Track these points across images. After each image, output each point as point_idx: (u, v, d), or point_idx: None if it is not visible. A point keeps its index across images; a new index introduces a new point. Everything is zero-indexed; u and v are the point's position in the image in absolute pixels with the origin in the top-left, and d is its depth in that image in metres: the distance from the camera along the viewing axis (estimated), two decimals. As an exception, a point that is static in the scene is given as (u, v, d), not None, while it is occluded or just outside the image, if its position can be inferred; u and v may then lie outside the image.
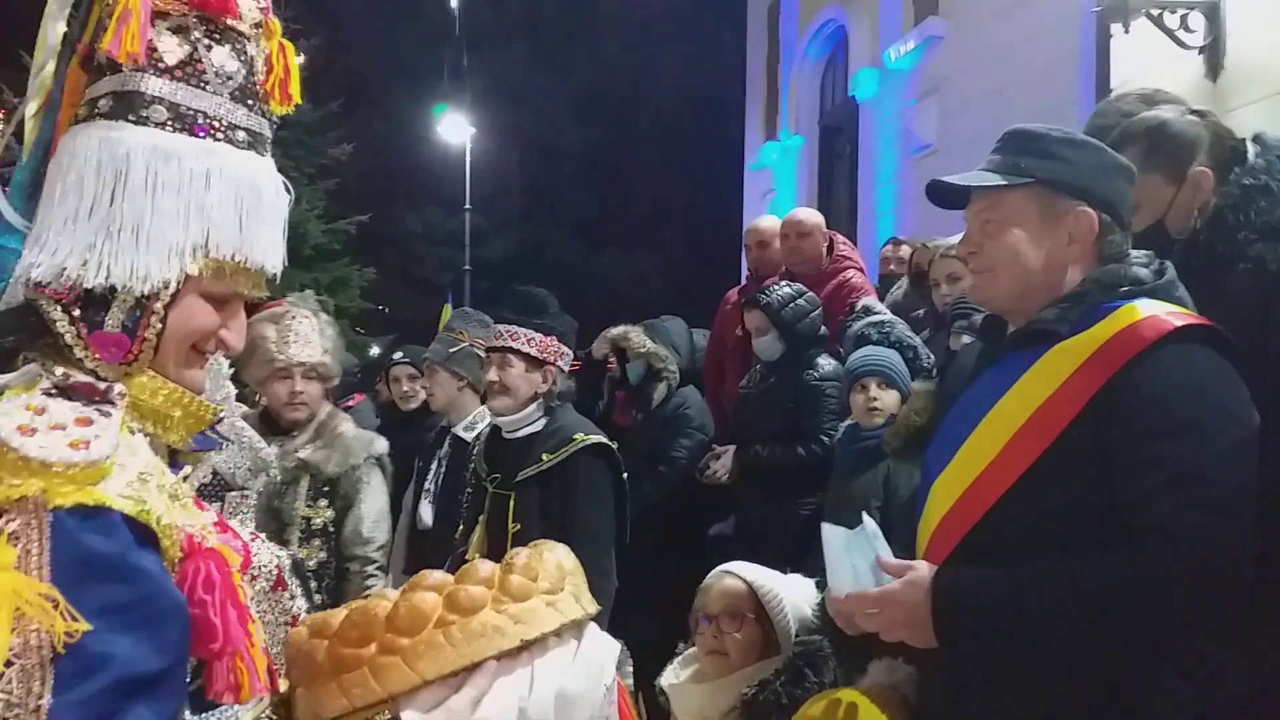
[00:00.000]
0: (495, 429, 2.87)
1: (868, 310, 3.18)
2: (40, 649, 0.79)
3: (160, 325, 1.03)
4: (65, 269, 0.97)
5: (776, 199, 11.31)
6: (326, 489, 2.82)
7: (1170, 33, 4.31)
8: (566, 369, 2.77)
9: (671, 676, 2.16)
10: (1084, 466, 1.32)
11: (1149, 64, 4.47)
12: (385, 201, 17.75)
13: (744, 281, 4.61)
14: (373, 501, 2.87)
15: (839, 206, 9.39)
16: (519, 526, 2.57)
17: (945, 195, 1.57)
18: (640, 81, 21.25)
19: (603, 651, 1.02)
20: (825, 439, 3.10)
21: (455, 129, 18.08)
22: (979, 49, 7.14)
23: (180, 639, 0.90)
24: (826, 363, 3.27)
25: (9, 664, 0.78)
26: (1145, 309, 1.40)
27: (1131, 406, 1.32)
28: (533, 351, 2.69)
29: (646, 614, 3.32)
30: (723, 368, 4.17)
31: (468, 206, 17.42)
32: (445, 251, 19.76)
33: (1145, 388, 1.33)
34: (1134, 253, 1.51)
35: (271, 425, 2.89)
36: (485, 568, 1.00)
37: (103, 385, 0.98)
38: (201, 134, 1.03)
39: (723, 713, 2.02)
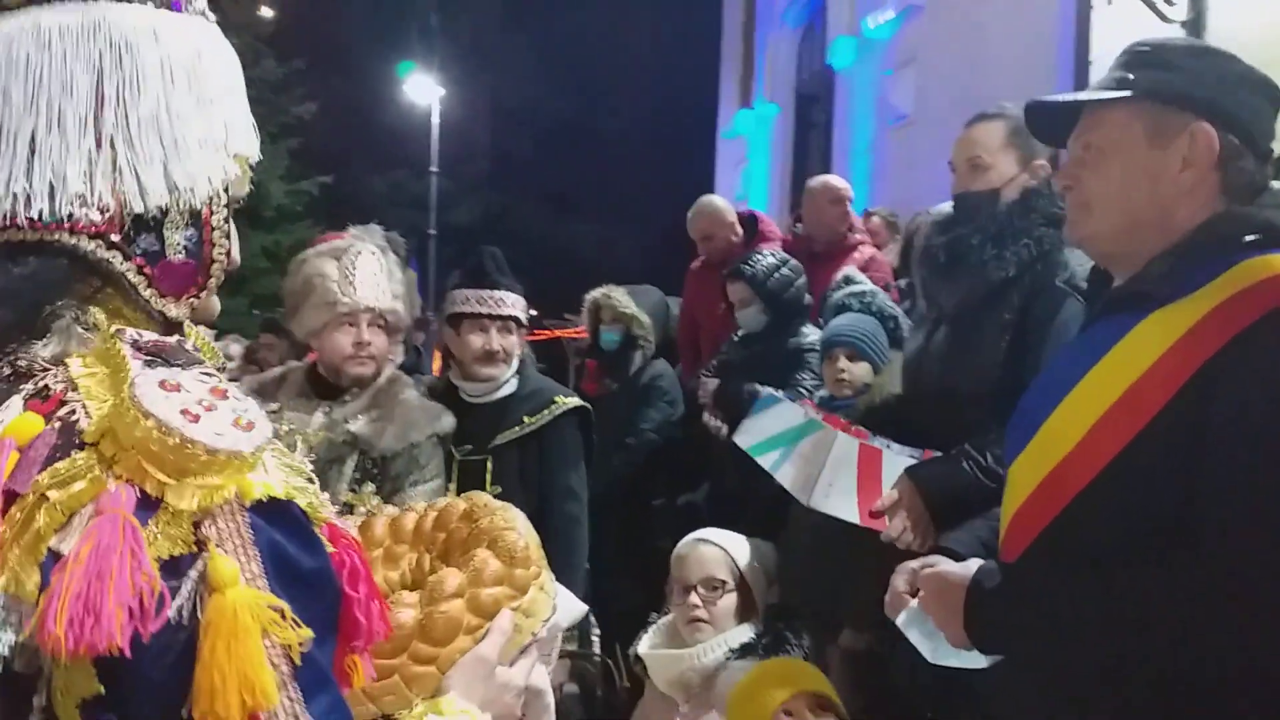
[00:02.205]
0: (449, 392, 2.75)
1: (849, 280, 3.13)
2: (280, 667, 0.72)
3: (226, 241, 0.88)
4: (88, 195, 0.80)
5: (750, 168, 11.24)
6: (376, 470, 2.31)
7: (1152, 5, 4.28)
8: None
9: (647, 645, 2.14)
10: (1182, 456, 1.08)
11: (1130, 37, 4.43)
12: (349, 162, 17.41)
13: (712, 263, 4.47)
14: (425, 487, 2.35)
15: (814, 176, 9.32)
16: (499, 490, 2.54)
17: (1048, 129, 1.37)
18: (613, 45, 20.97)
19: (567, 615, 1.13)
20: (801, 391, 3.07)
21: (423, 90, 17.77)
22: (958, 19, 7.08)
23: (336, 630, 0.82)
24: (810, 330, 3.23)
25: None
26: (1273, 266, 1.11)
27: (1238, 385, 1.05)
28: (523, 316, 2.69)
29: (620, 583, 3.29)
30: (698, 338, 4.10)
31: (434, 169, 17.16)
32: (410, 215, 19.50)
33: (1259, 363, 1.05)
34: (1275, 185, 1.22)
35: (320, 387, 2.38)
36: (494, 565, 1.01)
37: (173, 339, 0.83)
38: (177, 7, 0.87)
39: (705, 677, 2.01)
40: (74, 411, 0.75)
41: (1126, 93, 1.23)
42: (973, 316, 1.97)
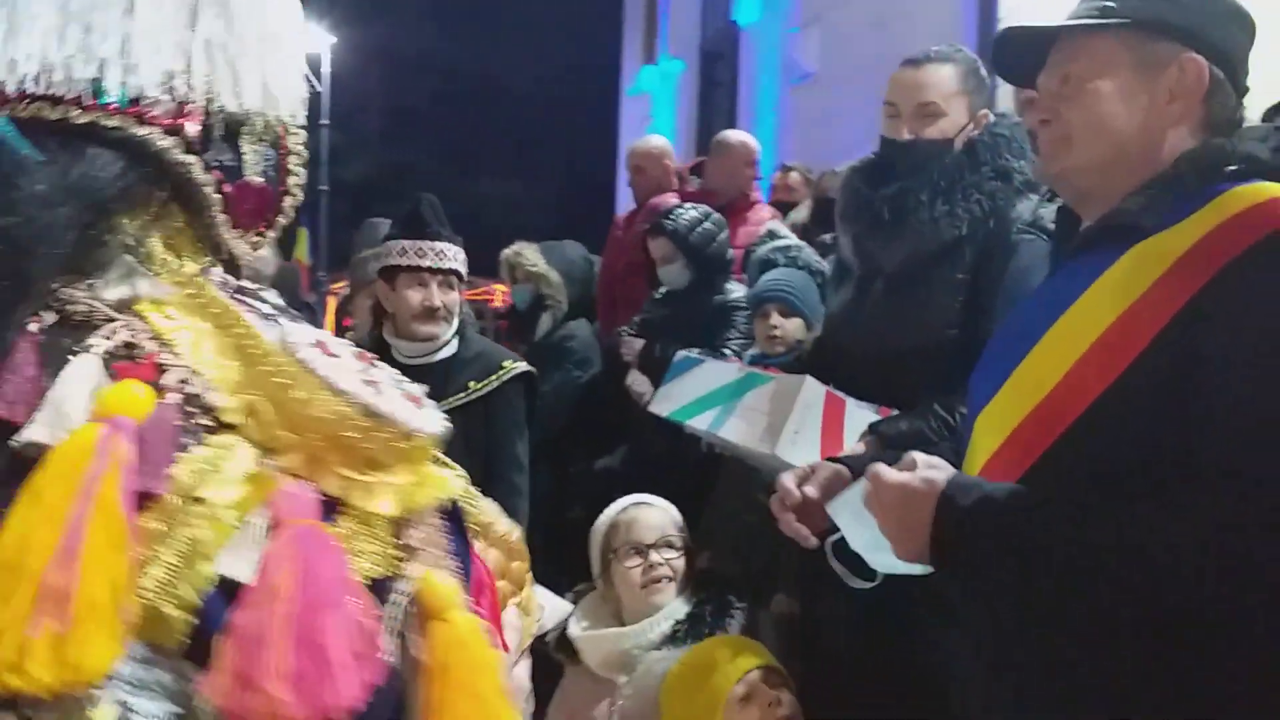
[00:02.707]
0: (381, 351, 2.59)
1: (773, 234, 3.08)
2: None
3: (303, 171, 0.73)
4: (179, 75, 0.62)
5: (655, 126, 11.09)
6: None
7: (1060, -36, 4.31)
8: None
9: (579, 627, 2.03)
10: (1171, 399, 1.01)
11: (1038, -4, 4.46)
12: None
13: (637, 206, 4.40)
14: None
15: (726, 131, 9.25)
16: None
17: (1015, 68, 1.30)
18: (512, -4, 20.43)
19: (554, 615, 1.10)
20: (727, 351, 3.01)
21: (312, 37, 16.99)
22: (865, -24, 7.06)
23: None
24: (735, 287, 3.15)
25: None
26: (1263, 191, 1.06)
27: (1234, 317, 1.00)
28: (463, 270, 2.53)
29: (532, 555, 3.17)
30: (614, 297, 4.00)
31: (325, 122, 16.45)
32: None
33: (1256, 293, 1.00)
34: (1248, 124, 1.19)
35: None
36: (494, 555, 0.92)
37: (252, 285, 0.67)
38: None
39: (652, 648, 1.93)
40: (186, 380, 0.55)
41: (1119, 20, 1.17)
42: (921, 274, 1.88)
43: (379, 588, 0.53)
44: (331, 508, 0.53)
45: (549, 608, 1.00)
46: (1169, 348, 1.02)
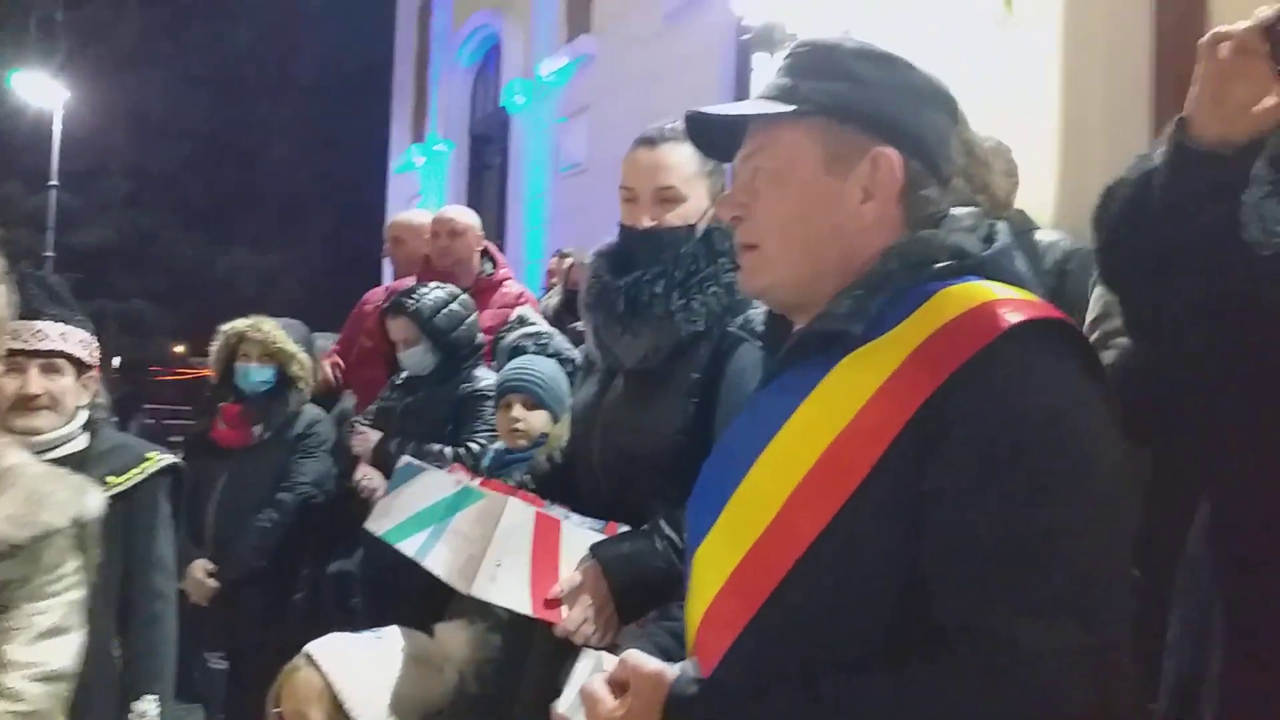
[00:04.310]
0: None
1: (523, 320, 2.92)
2: None
3: None
4: None
5: (423, 204, 10.88)
6: None
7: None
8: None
9: None
10: (908, 519, 0.90)
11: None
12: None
13: (393, 282, 4.13)
14: (56, 602, 1.53)
15: (488, 219, 9.06)
16: None
17: (713, 142, 1.16)
18: (278, 61, 19.64)
19: None
20: (474, 446, 2.79)
21: (43, 92, 15.48)
22: (629, 70, 7.29)
23: None
24: (484, 374, 2.94)
25: None
26: (976, 293, 0.96)
27: (959, 446, 0.89)
28: (85, 356, 2.13)
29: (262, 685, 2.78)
30: (353, 383, 3.68)
31: (54, 182, 14.95)
32: (24, 234, 16.80)
33: (980, 416, 0.89)
34: (954, 212, 1.06)
35: None
36: None
37: None
38: None
39: None
40: None
41: (792, 108, 1.05)
42: (657, 373, 1.72)
43: None
44: None
45: None
46: (891, 476, 0.90)
